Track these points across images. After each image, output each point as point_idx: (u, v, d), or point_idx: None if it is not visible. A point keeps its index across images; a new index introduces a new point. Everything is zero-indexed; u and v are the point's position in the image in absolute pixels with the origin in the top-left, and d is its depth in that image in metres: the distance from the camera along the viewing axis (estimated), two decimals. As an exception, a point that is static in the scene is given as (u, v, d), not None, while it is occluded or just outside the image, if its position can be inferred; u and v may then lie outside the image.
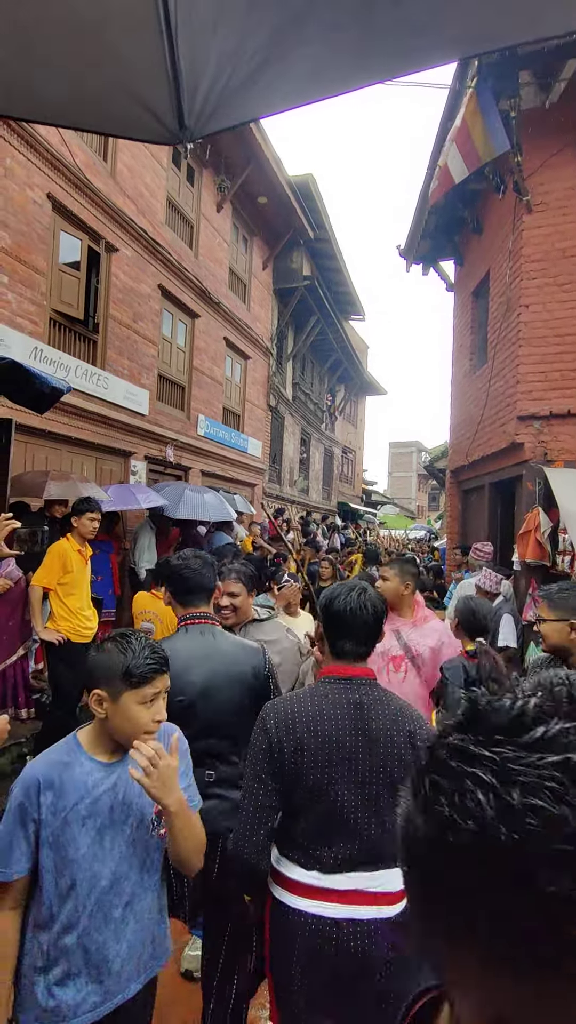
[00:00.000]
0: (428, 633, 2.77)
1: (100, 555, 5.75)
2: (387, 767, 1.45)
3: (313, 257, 13.61)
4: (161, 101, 1.47)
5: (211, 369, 10.20)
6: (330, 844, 1.42)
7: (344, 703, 1.48)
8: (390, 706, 1.51)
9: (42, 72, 1.45)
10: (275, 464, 14.40)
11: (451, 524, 9.12)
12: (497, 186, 6.27)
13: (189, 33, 1.33)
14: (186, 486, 7.66)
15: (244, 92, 1.45)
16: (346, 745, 1.44)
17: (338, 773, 1.43)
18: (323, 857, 1.42)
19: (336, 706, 1.47)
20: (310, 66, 1.39)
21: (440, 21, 1.26)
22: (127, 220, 7.40)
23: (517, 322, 5.90)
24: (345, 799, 1.42)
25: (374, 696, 1.51)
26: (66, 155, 6.21)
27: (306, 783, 1.42)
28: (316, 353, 17.73)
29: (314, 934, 1.38)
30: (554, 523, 5.22)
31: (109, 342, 7.29)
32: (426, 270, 9.41)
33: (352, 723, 1.45)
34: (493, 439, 6.61)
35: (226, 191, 10.01)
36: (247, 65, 1.37)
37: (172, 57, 1.36)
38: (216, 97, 1.45)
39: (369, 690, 1.52)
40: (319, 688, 1.53)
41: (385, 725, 1.47)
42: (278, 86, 1.46)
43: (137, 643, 1.36)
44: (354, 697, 1.49)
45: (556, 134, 5.69)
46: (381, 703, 1.51)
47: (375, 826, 1.43)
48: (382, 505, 31.26)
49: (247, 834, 1.43)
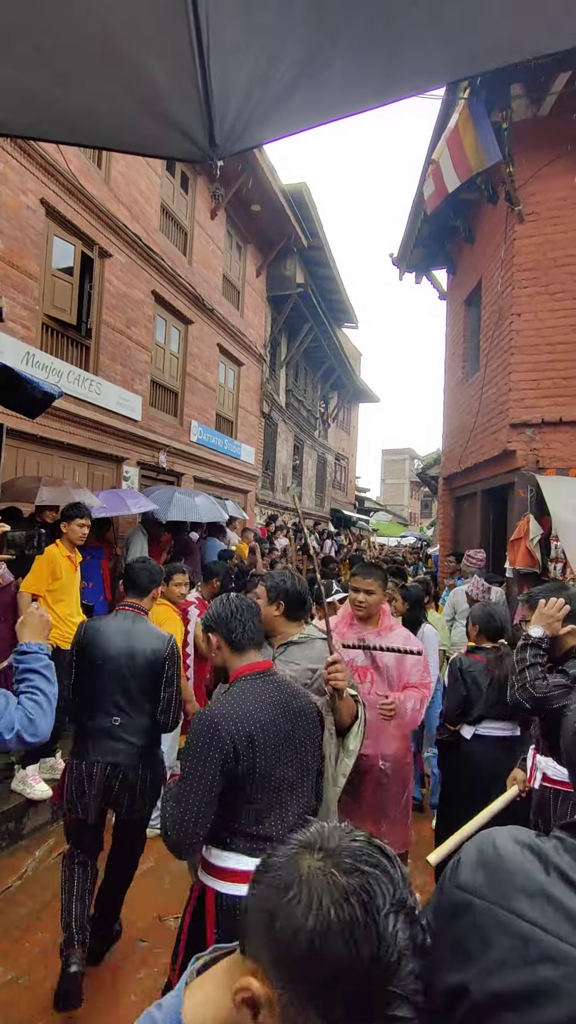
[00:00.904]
0: (393, 641, 2.74)
1: (91, 561, 5.71)
2: (311, 736, 1.78)
3: (307, 265, 13.68)
4: (192, 120, 1.48)
5: (204, 375, 10.20)
6: (282, 818, 1.64)
7: (271, 692, 1.73)
8: (294, 685, 1.87)
9: (73, 93, 1.45)
10: (268, 471, 14.40)
11: (444, 531, 9.14)
12: (489, 196, 6.34)
13: (220, 53, 1.33)
14: (176, 489, 7.64)
15: (276, 109, 1.46)
16: (283, 728, 1.69)
17: (282, 753, 1.67)
18: (274, 834, 1.60)
19: (267, 697, 1.71)
20: (342, 82, 1.40)
21: (472, 33, 1.26)
22: (121, 226, 7.41)
23: (509, 330, 5.95)
24: (287, 775, 1.68)
25: (285, 681, 1.84)
26: (60, 161, 6.21)
27: (259, 770, 1.61)
28: (309, 360, 17.79)
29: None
30: (546, 530, 5.24)
31: (102, 347, 7.27)
32: (419, 278, 9.48)
33: (282, 707, 1.72)
34: (485, 446, 6.64)
35: (220, 198, 10.05)
36: (279, 83, 1.38)
37: (204, 76, 1.37)
38: (248, 115, 1.46)
39: (280, 678, 1.83)
40: (247, 685, 1.73)
41: (301, 702, 1.78)
42: (310, 102, 1.46)
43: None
44: (274, 686, 1.76)
45: (547, 146, 5.76)
46: (290, 685, 1.83)
47: (308, 788, 1.75)
48: (375, 512, 31.33)
49: (191, 831, 1.56)
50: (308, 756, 1.76)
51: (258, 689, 1.72)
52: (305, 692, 1.88)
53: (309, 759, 1.76)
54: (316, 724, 1.81)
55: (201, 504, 7.27)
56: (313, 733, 1.79)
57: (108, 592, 6.22)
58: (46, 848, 3.52)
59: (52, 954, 2.64)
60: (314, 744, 1.79)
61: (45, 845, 3.54)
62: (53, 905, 2.99)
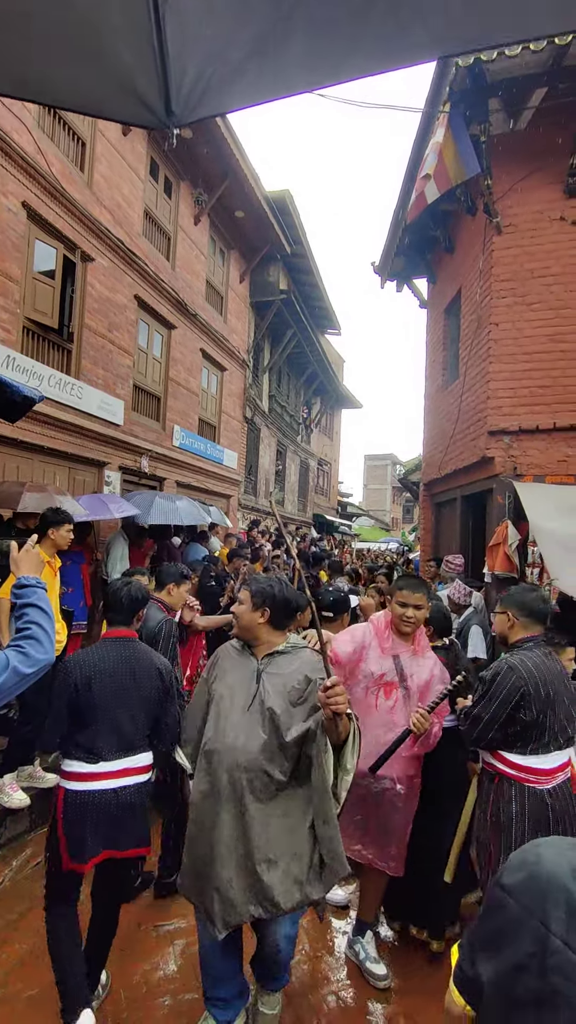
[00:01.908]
0: (424, 665, 2.66)
1: (71, 566, 5.65)
2: (146, 694, 2.35)
3: (290, 272, 13.76)
4: (148, 84, 1.43)
5: (187, 380, 10.19)
6: (110, 744, 2.26)
7: (120, 653, 2.36)
8: (147, 655, 2.43)
9: (24, 41, 1.38)
10: (251, 476, 14.41)
11: (425, 536, 9.23)
12: (468, 208, 6.46)
13: (178, 18, 1.30)
14: (157, 493, 7.61)
15: (233, 80, 1.42)
16: (122, 682, 2.31)
17: (117, 700, 2.29)
18: (105, 753, 2.25)
19: (115, 655, 2.35)
20: (301, 57, 1.36)
21: (438, 14, 1.24)
22: (103, 230, 7.39)
23: (487, 339, 6.06)
24: (120, 716, 2.29)
25: (138, 648, 2.42)
26: (42, 164, 6.18)
27: (95, 707, 2.24)
28: (292, 366, 17.87)
29: (100, 797, 2.23)
30: (523, 536, 5.33)
31: (84, 352, 7.24)
32: (400, 287, 9.61)
33: (126, 666, 2.34)
34: (465, 453, 6.74)
35: (204, 204, 10.08)
36: (237, 52, 1.34)
37: (160, 40, 1.33)
38: (204, 84, 1.42)
39: (134, 644, 2.43)
40: (104, 645, 2.39)
41: (145, 667, 2.37)
42: (268, 75, 1.42)
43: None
44: (126, 651, 2.37)
45: (524, 159, 5.90)
46: (143, 653, 2.42)
47: (133, 729, 2.32)
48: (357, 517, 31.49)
49: (48, 738, 2.44)
50: (144, 703, 2.35)
51: (109, 648, 2.37)
52: (150, 657, 2.41)
53: (146, 705, 2.35)
54: (153, 680, 2.38)
55: (182, 507, 7.25)
56: (149, 687, 2.36)
57: (89, 597, 6.16)
58: (23, 858, 3.47)
59: (29, 965, 2.61)
60: (150, 695, 2.36)
61: (23, 855, 3.49)
62: (30, 916, 2.95)
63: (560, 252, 5.84)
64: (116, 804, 2.22)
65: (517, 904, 0.79)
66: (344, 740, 1.90)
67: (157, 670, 2.42)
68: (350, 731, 1.90)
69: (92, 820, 2.19)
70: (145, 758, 2.36)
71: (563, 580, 4.10)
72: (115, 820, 2.22)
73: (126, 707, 2.31)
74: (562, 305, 5.81)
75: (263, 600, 2.12)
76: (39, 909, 3.01)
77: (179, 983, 2.55)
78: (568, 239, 5.82)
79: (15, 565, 1.81)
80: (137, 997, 2.46)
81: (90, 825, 2.19)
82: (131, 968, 2.63)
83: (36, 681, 1.68)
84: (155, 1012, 2.38)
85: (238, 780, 1.94)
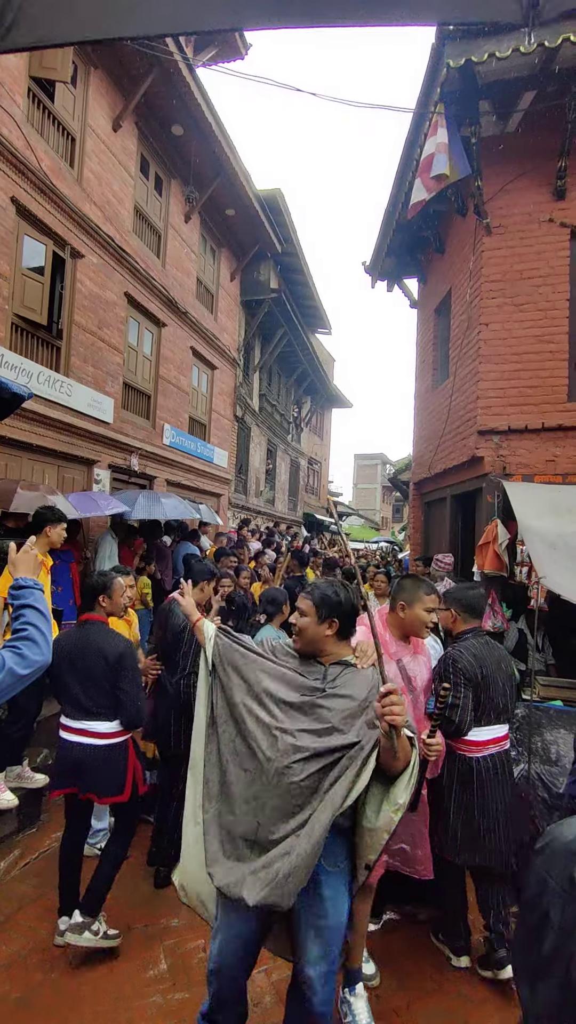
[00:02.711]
0: (422, 663, 2.66)
1: (60, 565, 5.61)
2: (93, 672, 2.72)
3: (281, 270, 13.75)
4: None
5: (177, 378, 10.16)
6: (71, 708, 2.76)
7: (78, 636, 2.83)
8: (99, 637, 2.79)
9: None
10: (241, 474, 14.39)
11: (414, 535, 9.27)
12: (459, 208, 6.49)
13: None
14: (142, 492, 7.59)
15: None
16: (73, 660, 2.74)
17: (70, 673, 2.74)
18: (70, 713, 2.76)
19: (74, 637, 2.82)
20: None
21: None
22: (93, 227, 7.34)
23: (477, 340, 6.09)
24: (72, 687, 2.74)
25: (92, 631, 2.83)
26: (31, 159, 6.13)
27: (55, 676, 2.74)
28: (283, 365, 17.86)
29: (70, 748, 2.73)
30: (512, 535, 5.37)
31: (73, 349, 7.18)
32: (391, 287, 9.63)
33: (78, 646, 2.76)
34: (454, 452, 6.78)
35: (194, 202, 10.04)
36: None
37: None
38: None
39: (90, 628, 2.84)
40: (73, 628, 2.95)
41: (92, 648, 2.74)
42: None
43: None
44: (82, 634, 2.82)
45: (514, 161, 5.93)
46: (96, 635, 2.80)
47: (87, 699, 2.72)
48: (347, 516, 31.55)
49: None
50: (91, 678, 2.73)
51: (73, 631, 2.91)
52: (100, 640, 2.78)
53: (93, 680, 2.73)
54: (98, 659, 2.72)
55: (167, 503, 7.24)
56: (94, 665, 2.72)
57: (78, 596, 6.12)
58: (11, 859, 3.44)
59: (17, 967, 2.60)
60: (94, 672, 2.72)
61: (11, 856, 3.47)
62: (18, 917, 2.94)
63: (548, 254, 5.88)
64: (78, 755, 2.72)
65: (537, 864, 0.98)
66: (401, 770, 1.69)
67: (101, 650, 2.76)
68: (411, 760, 1.69)
69: (62, 761, 2.78)
70: (103, 726, 2.75)
71: (550, 578, 4.13)
72: (76, 766, 2.72)
73: (77, 680, 2.76)
74: (550, 306, 5.85)
75: (330, 611, 1.90)
76: (27, 910, 3.01)
77: (169, 982, 2.54)
78: (556, 241, 5.86)
79: (13, 566, 1.82)
80: (125, 997, 2.45)
81: (60, 764, 2.79)
82: (120, 968, 2.62)
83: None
84: (145, 1012, 2.38)
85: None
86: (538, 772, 3.27)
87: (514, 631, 5.58)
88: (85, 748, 2.71)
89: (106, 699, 2.73)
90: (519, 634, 5.55)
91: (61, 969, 2.59)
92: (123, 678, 2.74)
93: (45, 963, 2.62)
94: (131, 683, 2.77)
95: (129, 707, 2.75)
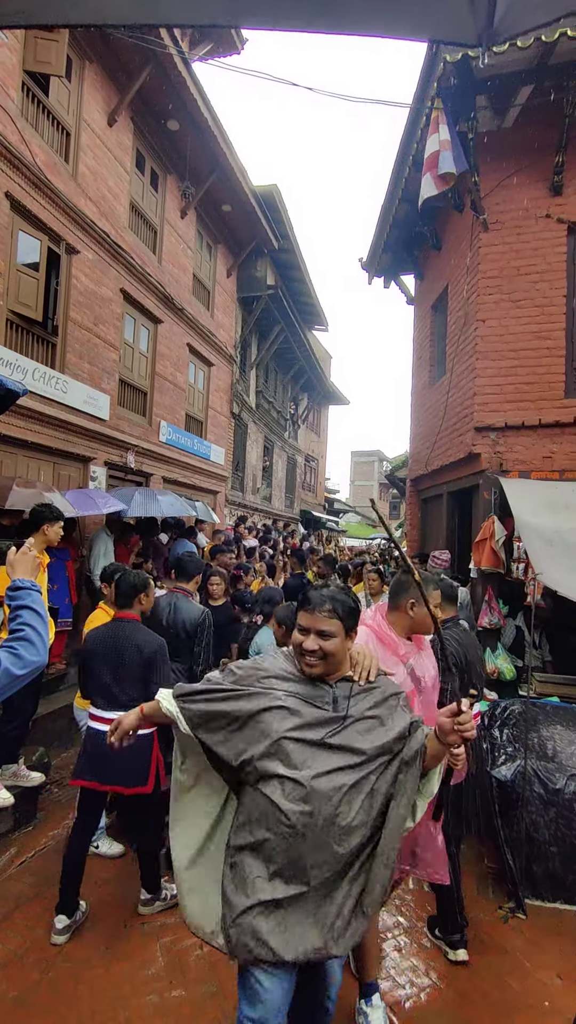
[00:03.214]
0: (428, 657, 2.49)
1: (56, 563, 5.60)
2: (127, 665, 2.92)
3: (277, 267, 13.71)
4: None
5: (174, 375, 10.12)
6: (103, 698, 2.95)
7: (112, 631, 3.02)
8: (134, 633, 2.99)
9: None
10: (238, 471, 14.36)
11: (411, 532, 9.27)
12: (456, 204, 6.47)
13: None
14: (138, 489, 7.57)
15: None
16: (107, 654, 2.95)
17: (104, 666, 2.95)
18: (100, 704, 2.96)
19: (108, 632, 3.03)
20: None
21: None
22: (89, 222, 7.29)
23: (474, 336, 6.08)
24: (106, 678, 2.95)
25: (126, 627, 3.01)
26: (26, 154, 6.08)
27: (89, 668, 2.99)
28: (280, 362, 17.82)
29: (100, 737, 2.81)
30: (509, 532, 5.37)
31: (69, 345, 7.14)
32: (387, 283, 9.61)
33: (112, 642, 2.97)
34: (451, 449, 6.77)
35: (191, 198, 9.99)
36: None
37: None
38: None
39: (124, 624, 3.03)
40: (106, 624, 3.13)
41: (127, 643, 2.95)
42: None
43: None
44: (116, 630, 3.02)
45: (511, 157, 5.91)
46: (130, 631, 3.00)
47: (119, 690, 2.92)
48: (344, 513, 31.55)
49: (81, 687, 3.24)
50: (125, 671, 2.92)
51: (107, 627, 3.07)
52: (135, 635, 2.96)
53: (127, 673, 2.92)
54: (133, 653, 2.92)
55: (163, 500, 7.23)
56: (129, 659, 2.92)
57: (74, 594, 6.11)
58: (7, 858, 3.43)
59: (14, 966, 2.59)
60: (129, 665, 2.92)
61: (7, 854, 3.46)
62: (14, 917, 2.92)
63: (545, 249, 5.87)
64: (101, 744, 2.74)
65: None
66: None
67: (137, 646, 2.94)
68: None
69: (90, 751, 2.90)
70: None
71: (547, 575, 4.13)
72: (103, 756, 2.78)
73: (111, 673, 2.93)
74: (547, 302, 5.84)
75: (353, 623, 1.75)
76: (24, 910, 3.00)
77: (166, 980, 2.54)
78: (553, 237, 5.85)
79: (11, 567, 1.83)
80: (123, 995, 2.44)
81: (88, 754, 2.91)
82: (117, 967, 2.61)
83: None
84: (142, 1010, 2.37)
85: None
86: (534, 768, 3.28)
87: (511, 628, 5.58)
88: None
89: (138, 692, 2.86)
90: (516, 631, 5.56)
91: (58, 968, 2.58)
92: (156, 671, 2.94)
93: (42, 962, 2.61)
94: (163, 677, 2.93)
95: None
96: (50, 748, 4.59)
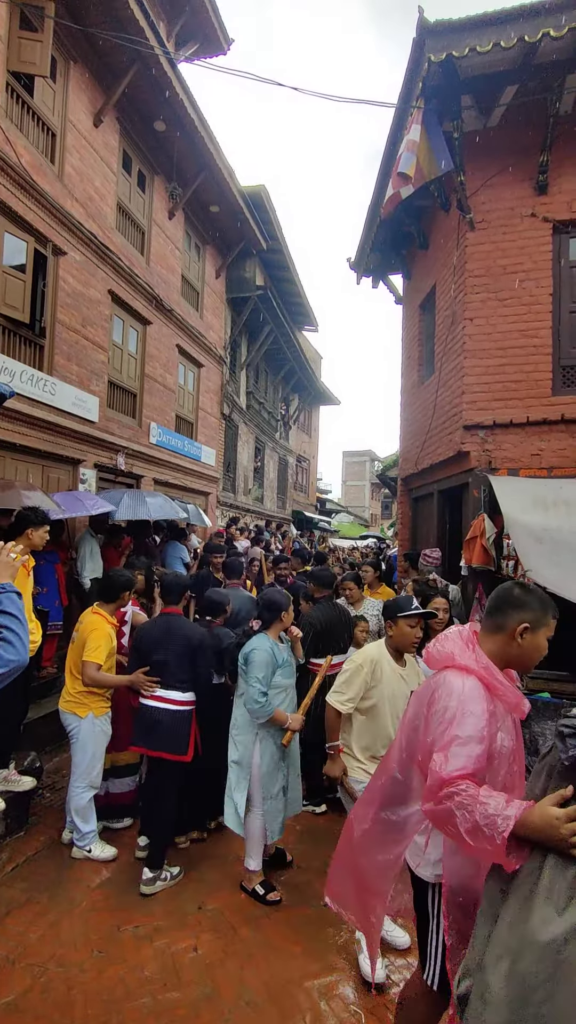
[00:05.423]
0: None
1: (45, 566, 5.56)
2: (176, 652, 3.41)
3: (266, 267, 13.71)
4: None
5: (163, 376, 10.09)
6: (164, 676, 3.39)
7: (160, 623, 3.55)
8: (184, 625, 3.54)
9: None
10: (229, 472, 14.34)
11: (402, 531, 9.30)
12: (442, 203, 6.49)
13: None
14: (127, 491, 7.53)
15: None
16: (160, 638, 3.45)
17: (163, 649, 3.41)
18: (159, 685, 3.39)
19: (158, 624, 3.55)
20: None
21: None
22: (75, 224, 7.26)
23: (462, 335, 6.11)
24: (165, 660, 3.39)
25: (176, 619, 3.55)
26: (11, 155, 6.04)
27: (147, 650, 3.45)
28: (270, 362, 17.82)
29: (150, 712, 3.38)
30: (499, 529, 5.40)
31: (57, 347, 7.10)
32: (376, 283, 9.63)
33: (166, 630, 3.47)
34: (441, 448, 6.80)
35: (178, 198, 9.97)
36: None
37: None
38: None
39: (173, 617, 3.56)
40: (156, 617, 3.69)
41: (175, 634, 3.44)
42: None
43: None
44: (167, 619, 3.55)
45: (496, 156, 5.95)
46: (178, 622, 3.53)
47: (168, 674, 3.38)
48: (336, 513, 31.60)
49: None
50: (175, 657, 3.39)
51: (157, 620, 3.63)
52: (181, 627, 3.48)
53: (175, 659, 3.39)
54: (180, 642, 3.41)
55: (152, 502, 7.18)
56: (177, 647, 3.41)
57: (64, 597, 6.07)
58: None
59: (6, 971, 2.57)
60: (178, 653, 3.40)
61: (-2, 859, 3.43)
62: (6, 922, 2.90)
63: (531, 248, 5.91)
64: (155, 716, 3.35)
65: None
66: None
67: (186, 636, 3.47)
68: None
69: (141, 722, 3.41)
70: (178, 695, 3.40)
71: (536, 571, 4.16)
72: (152, 727, 3.35)
73: (162, 658, 3.40)
74: (533, 301, 5.88)
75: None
76: (16, 915, 2.98)
77: (159, 983, 2.53)
78: (539, 235, 5.88)
79: None
80: (116, 999, 2.43)
81: (139, 725, 3.42)
82: (110, 970, 2.60)
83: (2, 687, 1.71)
84: (136, 1013, 2.36)
85: None
86: (527, 764, 3.29)
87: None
88: (162, 711, 3.35)
89: (185, 674, 3.39)
90: (507, 627, 5.58)
91: (50, 973, 2.56)
92: (201, 657, 3.44)
93: (35, 967, 2.59)
94: (207, 661, 3.46)
95: (204, 679, 3.47)
96: (42, 753, 4.56)
